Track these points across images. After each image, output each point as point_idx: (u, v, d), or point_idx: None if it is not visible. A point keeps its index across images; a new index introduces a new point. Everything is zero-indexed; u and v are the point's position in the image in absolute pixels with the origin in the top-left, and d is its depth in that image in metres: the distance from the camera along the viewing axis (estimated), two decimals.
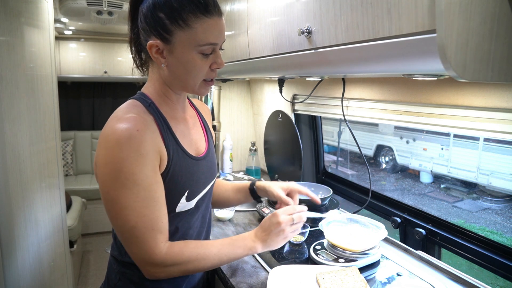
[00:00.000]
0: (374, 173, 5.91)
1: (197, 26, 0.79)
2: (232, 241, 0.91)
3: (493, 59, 0.64)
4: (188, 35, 0.80)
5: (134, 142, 0.76)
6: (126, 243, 0.81)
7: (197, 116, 1.04)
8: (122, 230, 0.79)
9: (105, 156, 0.77)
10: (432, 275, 1.05)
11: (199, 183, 0.93)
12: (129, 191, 0.76)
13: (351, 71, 0.97)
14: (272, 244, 0.93)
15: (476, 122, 1.00)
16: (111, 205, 0.78)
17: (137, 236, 0.78)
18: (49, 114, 1.85)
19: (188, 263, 0.84)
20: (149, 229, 0.79)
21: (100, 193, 0.80)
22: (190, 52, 0.81)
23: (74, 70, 3.80)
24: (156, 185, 0.81)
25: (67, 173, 4.02)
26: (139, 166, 0.77)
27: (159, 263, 0.81)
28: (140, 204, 0.78)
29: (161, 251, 0.81)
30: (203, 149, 0.98)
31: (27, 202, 1.58)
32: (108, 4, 2.48)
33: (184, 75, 0.84)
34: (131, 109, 0.83)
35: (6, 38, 1.43)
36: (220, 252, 0.88)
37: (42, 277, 1.70)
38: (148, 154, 0.78)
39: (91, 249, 3.42)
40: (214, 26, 0.81)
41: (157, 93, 0.89)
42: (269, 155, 2.10)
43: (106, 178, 0.77)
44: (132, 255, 0.82)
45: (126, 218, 0.77)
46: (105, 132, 0.78)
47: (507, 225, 4.14)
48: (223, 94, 2.32)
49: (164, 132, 0.85)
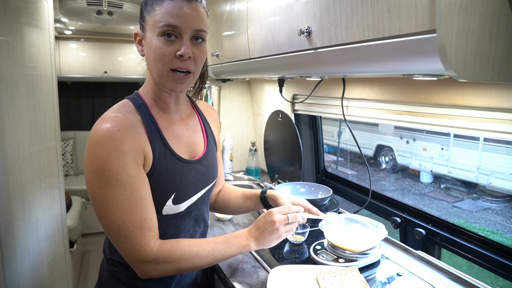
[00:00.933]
0: (374, 173, 5.91)
1: (159, 8, 0.82)
2: (226, 239, 0.91)
3: (493, 59, 0.64)
4: (152, 18, 0.83)
5: (115, 141, 0.77)
6: (116, 242, 0.81)
7: (197, 119, 1.03)
8: (110, 228, 0.79)
9: (88, 155, 0.78)
10: (432, 275, 1.05)
11: (189, 187, 0.92)
12: (114, 189, 0.77)
13: (351, 71, 0.97)
14: (265, 242, 0.92)
15: (476, 122, 1.00)
16: (98, 203, 0.79)
17: (126, 235, 0.78)
18: (49, 114, 1.85)
19: (180, 261, 0.83)
20: (137, 226, 0.79)
21: (88, 192, 0.81)
22: (153, 35, 0.83)
23: (74, 70, 3.80)
24: (142, 183, 0.81)
25: (67, 173, 4.02)
26: (121, 165, 0.77)
27: (150, 261, 0.80)
28: (127, 202, 0.78)
29: (151, 248, 0.80)
30: (199, 152, 0.97)
31: (27, 202, 1.58)
32: (108, 4, 2.48)
33: (153, 63, 0.85)
34: (119, 109, 0.85)
35: (6, 38, 1.43)
36: (214, 250, 0.87)
37: (42, 277, 1.70)
38: (129, 152, 0.79)
39: (91, 249, 3.42)
40: (175, 8, 0.82)
41: (150, 94, 0.91)
42: (269, 155, 2.10)
43: (91, 176, 0.78)
44: (123, 254, 0.82)
45: (113, 216, 0.78)
46: (91, 133, 0.80)
47: (507, 225, 4.13)
48: (223, 94, 2.32)
49: (151, 133, 0.85)
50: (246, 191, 1.18)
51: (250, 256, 1.20)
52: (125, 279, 0.90)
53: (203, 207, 1.00)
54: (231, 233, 0.94)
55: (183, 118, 0.97)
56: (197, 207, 0.96)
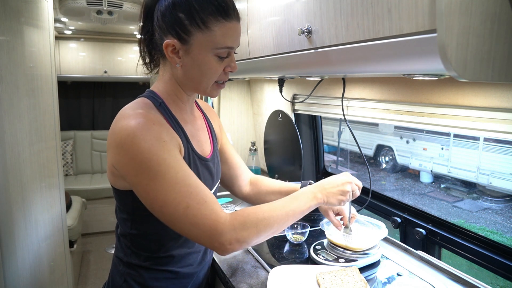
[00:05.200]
0: (374, 173, 5.91)
1: (216, 29, 0.79)
2: (293, 196, 0.88)
3: (494, 59, 0.64)
4: (206, 37, 0.80)
5: (153, 132, 0.76)
6: (186, 227, 0.75)
7: (203, 118, 1.04)
8: (176, 217, 0.75)
9: (128, 153, 0.74)
10: (432, 275, 1.04)
11: (206, 185, 0.93)
12: (166, 176, 0.74)
13: (351, 71, 0.97)
14: (330, 197, 0.90)
15: (477, 122, 1.00)
16: (154, 196, 0.75)
17: (195, 215, 0.74)
18: (49, 114, 1.85)
19: (257, 225, 0.79)
20: (202, 202, 0.75)
21: (137, 191, 0.77)
22: (206, 54, 0.81)
23: (74, 70, 3.80)
24: (186, 165, 0.80)
25: (67, 173, 4.02)
26: (166, 151, 0.76)
27: (229, 230, 0.75)
28: (182, 183, 0.75)
29: (225, 218, 0.76)
30: (208, 151, 0.98)
31: (27, 202, 1.58)
32: (108, 4, 2.48)
33: (198, 77, 0.84)
34: (140, 106, 0.82)
35: (6, 38, 1.43)
36: (285, 207, 0.84)
37: (42, 277, 1.70)
38: (170, 141, 0.78)
39: (91, 249, 3.42)
40: (232, 30, 0.82)
41: (167, 93, 0.89)
42: (269, 155, 2.10)
43: (138, 172, 0.74)
44: (197, 238, 0.76)
45: (174, 202, 0.74)
46: (118, 131, 0.76)
47: (507, 225, 4.14)
48: (223, 94, 2.32)
49: (177, 131, 0.85)
50: (283, 186, 1.15)
51: (250, 256, 1.20)
52: (142, 281, 0.89)
53: None
54: (295, 192, 0.91)
55: (193, 118, 0.98)
56: None
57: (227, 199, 1.77)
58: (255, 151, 2.22)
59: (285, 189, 1.13)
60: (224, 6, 0.80)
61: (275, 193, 1.14)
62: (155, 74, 0.94)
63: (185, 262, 0.93)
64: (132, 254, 0.90)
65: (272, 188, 1.16)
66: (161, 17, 0.82)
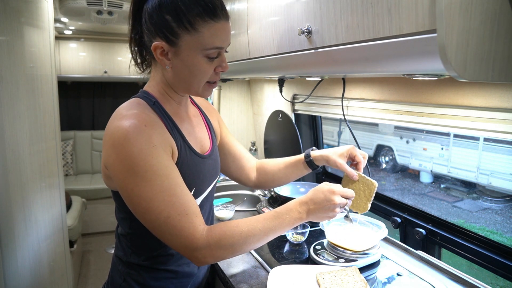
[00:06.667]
0: (374, 173, 5.91)
1: (204, 30, 0.78)
2: (277, 214, 0.85)
3: (494, 59, 0.64)
4: (194, 39, 0.79)
5: (144, 136, 0.75)
6: (165, 235, 0.77)
7: (200, 115, 1.04)
8: (156, 224, 0.76)
9: (118, 155, 0.75)
10: (432, 275, 1.04)
11: (205, 181, 0.93)
12: (152, 183, 0.74)
13: (351, 71, 0.97)
14: (318, 218, 0.88)
15: (476, 122, 1.00)
16: (137, 201, 0.75)
17: (174, 225, 0.75)
18: (49, 114, 1.85)
19: (234, 244, 0.79)
20: (183, 214, 0.76)
21: (122, 194, 0.78)
22: (196, 55, 0.80)
23: (74, 70, 3.80)
24: (176, 171, 0.79)
25: (67, 173, 4.02)
26: (155, 157, 0.75)
27: (204, 246, 0.77)
28: (167, 193, 0.75)
29: (202, 234, 0.77)
30: (207, 147, 0.98)
31: (27, 202, 1.58)
32: (108, 4, 2.48)
33: (188, 78, 0.84)
34: (134, 106, 0.82)
35: (6, 38, 1.43)
36: (265, 227, 0.83)
37: (42, 277, 1.70)
38: (160, 145, 0.77)
39: (91, 249, 3.42)
40: (221, 30, 0.81)
41: (160, 92, 0.89)
42: (269, 155, 2.10)
43: (125, 176, 0.75)
44: (175, 246, 0.78)
45: (157, 210, 0.75)
46: (111, 132, 0.77)
47: (507, 225, 4.13)
48: (223, 94, 2.32)
49: (171, 129, 0.85)
50: (288, 159, 1.15)
51: (250, 256, 1.20)
52: (142, 281, 0.90)
53: (211, 200, 1.01)
54: (280, 207, 0.88)
55: (189, 115, 0.98)
56: (207, 200, 0.97)
57: (227, 199, 1.77)
58: (255, 151, 2.22)
59: (290, 164, 1.13)
60: (211, 6, 0.79)
61: (281, 170, 1.15)
62: (147, 74, 0.93)
63: (184, 261, 0.94)
64: (132, 254, 0.90)
65: (278, 167, 1.16)
66: (149, 19, 0.81)
